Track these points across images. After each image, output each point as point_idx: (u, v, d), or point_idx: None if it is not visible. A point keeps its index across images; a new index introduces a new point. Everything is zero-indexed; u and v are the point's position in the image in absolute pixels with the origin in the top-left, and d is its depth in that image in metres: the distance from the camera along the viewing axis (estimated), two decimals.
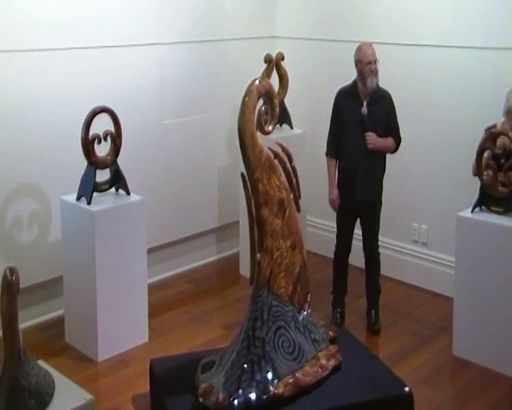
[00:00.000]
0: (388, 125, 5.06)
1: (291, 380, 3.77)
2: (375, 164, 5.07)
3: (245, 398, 3.64)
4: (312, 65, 6.47)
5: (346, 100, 5.06)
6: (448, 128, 5.62)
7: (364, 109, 4.97)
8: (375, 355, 4.47)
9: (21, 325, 4.75)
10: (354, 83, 5.06)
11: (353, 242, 5.29)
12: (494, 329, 4.64)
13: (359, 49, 5.01)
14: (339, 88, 5.18)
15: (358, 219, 5.24)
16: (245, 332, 3.84)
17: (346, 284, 5.33)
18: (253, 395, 3.65)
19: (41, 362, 3.28)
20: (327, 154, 5.19)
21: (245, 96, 3.75)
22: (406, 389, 4.02)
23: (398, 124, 5.11)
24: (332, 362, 4.02)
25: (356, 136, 4.99)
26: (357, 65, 4.99)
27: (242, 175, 3.83)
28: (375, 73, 4.93)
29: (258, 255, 3.83)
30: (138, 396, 4.27)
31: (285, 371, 3.79)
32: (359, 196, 5.04)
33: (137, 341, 4.88)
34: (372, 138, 4.97)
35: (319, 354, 4.01)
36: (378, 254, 5.26)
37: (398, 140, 5.10)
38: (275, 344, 3.82)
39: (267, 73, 5.91)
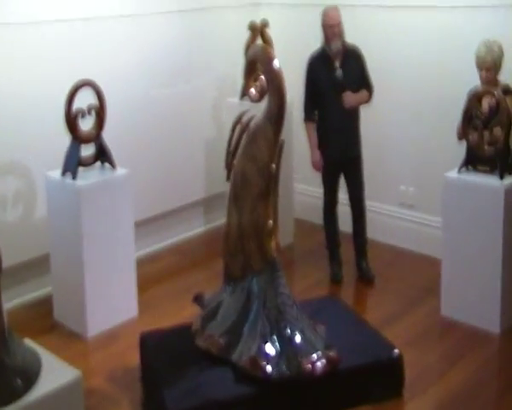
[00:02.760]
0: (362, 79, 5.25)
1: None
2: (353, 120, 5.30)
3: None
4: (297, 31, 6.40)
5: (320, 65, 5.25)
6: (433, 89, 5.60)
7: (339, 72, 5.16)
8: (363, 320, 4.51)
9: (9, 304, 4.82)
10: (323, 47, 5.24)
11: (341, 207, 5.46)
12: (482, 288, 4.66)
13: (323, 13, 5.18)
14: (310, 54, 5.33)
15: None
16: (289, 298, 3.95)
17: (338, 236, 5.50)
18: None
19: (27, 340, 3.27)
20: (305, 119, 5.38)
21: (282, 84, 3.81)
22: (396, 351, 4.06)
23: (368, 74, 5.29)
24: None
25: (333, 98, 5.17)
26: (323, 29, 5.18)
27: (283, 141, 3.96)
28: (338, 35, 5.13)
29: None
30: (129, 370, 4.28)
31: None
32: (341, 153, 5.27)
33: (127, 315, 4.87)
34: (348, 98, 5.16)
35: None
36: (364, 206, 5.45)
37: (370, 90, 5.29)
38: None
39: (251, 41, 5.86)
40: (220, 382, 3.77)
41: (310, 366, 3.76)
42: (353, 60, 5.23)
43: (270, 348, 3.81)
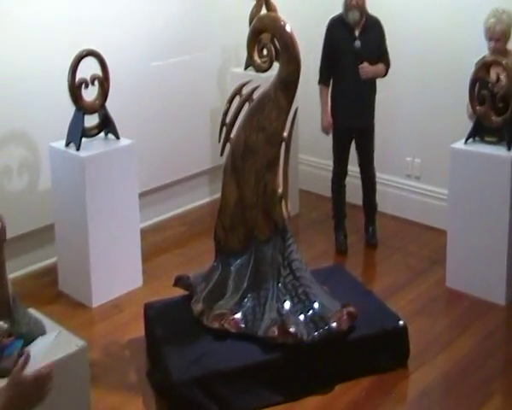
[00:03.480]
0: (380, 53, 5.22)
1: None
2: (368, 90, 5.27)
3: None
4: (302, 0, 6.32)
5: (339, 30, 5.20)
6: (440, 60, 5.55)
7: (358, 42, 5.12)
8: (369, 290, 4.51)
9: (14, 274, 4.82)
10: (342, 14, 5.18)
11: (348, 179, 5.46)
12: (487, 259, 4.65)
13: None
14: (330, 18, 5.28)
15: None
16: (301, 263, 4.01)
17: (344, 207, 5.51)
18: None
19: (32, 310, 3.26)
20: (320, 82, 5.33)
21: (298, 49, 3.85)
22: (401, 322, 4.07)
23: (387, 49, 5.25)
24: None
25: (349, 65, 5.14)
26: None
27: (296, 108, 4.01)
28: (356, 7, 5.08)
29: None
30: (133, 340, 4.29)
31: None
32: (354, 121, 5.24)
33: (131, 285, 4.86)
34: (365, 69, 5.12)
35: None
36: (374, 174, 5.46)
37: (387, 65, 5.25)
38: None
39: (256, 10, 5.78)
40: (224, 351, 3.77)
41: (335, 323, 3.82)
42: (373, 32, 5.18)
43: (294, 314, 3.83)
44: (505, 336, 4.43)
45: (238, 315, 3.88)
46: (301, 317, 3.83)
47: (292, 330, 3.73)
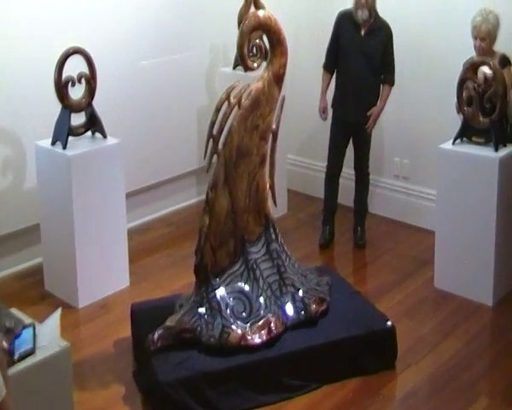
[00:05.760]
0: (384, 58, 5.20)
1: None
2: (370, 88, 5.26)
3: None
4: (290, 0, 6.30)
5: (346, 25, 5.23)
6: (428, 61, 5.55)
7: (364, 42, 5.17)
8: (357, 291, 4.50)
9: None
10: (352, 10, 5.21)
11: (342, 181, 5.46)
12: (475, 260, 4.65)
13: None
14: (339, 11, 5.31)
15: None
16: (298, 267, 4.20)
17: (335, 202, 5.50)
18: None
19: (15, 311, 3.23)
20: (324, 67, 5.37)
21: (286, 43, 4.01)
22: (389, 323, 4.06)
23: (393, 58, 5.22)
24: None
25: (352, 61, 5.17)
26: None
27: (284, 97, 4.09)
28: (366, 5, 5.08)
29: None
30: (120, 341, 4.27)
31: None
32: (352, 117, 5.24)
33: (118, 286, 4.84)
34: (373, 121, 5.24)
35: None
36: (368, 173, 5.46)
37: (391, 79, 5.25)
38: None
39: (245, 9, 5.75)
40: (210, 353, 3.74)
41: (328, 280, 4.32)
42: (380, 35, 5.16)
43: (310, 286, 4.13)
44: (491, 338, 4.44)
45: (275, 315, 3.88)
46: (314, 286, 4.17)
47: (323, 296, 4.10)
